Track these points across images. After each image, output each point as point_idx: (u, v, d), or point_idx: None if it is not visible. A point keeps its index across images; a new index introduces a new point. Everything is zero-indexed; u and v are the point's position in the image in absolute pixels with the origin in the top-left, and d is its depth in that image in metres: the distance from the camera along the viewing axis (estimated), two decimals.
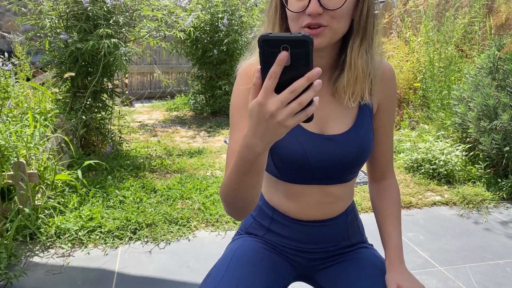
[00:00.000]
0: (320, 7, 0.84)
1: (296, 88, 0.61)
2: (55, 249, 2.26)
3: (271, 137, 0.67)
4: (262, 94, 0.63)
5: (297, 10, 0.86)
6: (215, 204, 2.74)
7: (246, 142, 0.71)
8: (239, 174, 0.78)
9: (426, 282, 2.03)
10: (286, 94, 0.61)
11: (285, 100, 0.62)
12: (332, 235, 1.06)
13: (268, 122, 0.64)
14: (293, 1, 0.88)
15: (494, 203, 2.96)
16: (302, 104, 0.62)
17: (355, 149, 0.96)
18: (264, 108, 0.63)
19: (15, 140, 2.62)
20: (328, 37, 0.87)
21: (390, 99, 1.03)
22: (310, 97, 0.62)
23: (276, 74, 0.61)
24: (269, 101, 0.62)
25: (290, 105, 0.62)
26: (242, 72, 0.99)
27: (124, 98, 5.02)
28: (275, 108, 0.62)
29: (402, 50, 4.84)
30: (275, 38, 0.60)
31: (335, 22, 0.86)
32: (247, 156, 0.73)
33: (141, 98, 6.80)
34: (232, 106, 0.97)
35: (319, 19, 0.85)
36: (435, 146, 3.40)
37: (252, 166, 0.74)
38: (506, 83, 3.16)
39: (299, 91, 0.61)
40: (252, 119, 0.66)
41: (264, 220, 1.08)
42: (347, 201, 1.07)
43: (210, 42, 5.21)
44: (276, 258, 1.04)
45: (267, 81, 0.62)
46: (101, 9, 3.16)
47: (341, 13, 0.86)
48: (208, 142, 4.41)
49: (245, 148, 0.72)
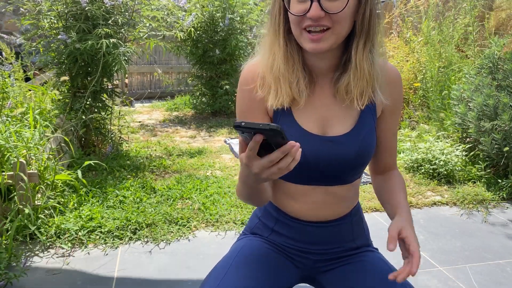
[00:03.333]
0: (322, 11, 0.84)
1: (273, 159, 0.70)
2: (55, 249, 2.25)
3: (261, 182, 0.79)
4: (246, 159, 0.72)
5: (298, 13, 0.86)
6: (215, 204, 2.74)
7: (242, 180, 0.84)
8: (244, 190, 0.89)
9: (426, 282, 2.04)
10: (266, 163, 0.71)
11: (266, 166, 0.71)
12: (336, 236, 1.06)
13: (255, 176, 0.75)
14: (295, 3, 0.87)
15: (494, 203, 2.96)
16: (281, 169, 0.71)
17: (356, 150, 0.95)
18: (250, 168, 0.74)
19: (15, 140, 2.62)
20: (332, 40, 0.87)
21: (395, 103, 1.02)
22: (288, 163, 0.71)
23: (254, 148, 0.70)
24: (253, 165, 0.73)
25: (271, 169, 0.72)
26: (244, 73, 1.00)
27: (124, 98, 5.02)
28: (258, 171, 0.73)
29: (402, 50, 4.83)
30: (246, 127, 0.66)
31: (337, 25, 0.86)
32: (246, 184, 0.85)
33: (141, 98, 6.80)
34: (236, 107, 1.02)
35: (321, 21, 0.85)
36: (435, 146, 3.40)
37: (252, 190, 0.87)
38: (506, 83, 3.16)
39: (276, 161, 0.71)
40: (242, 169, 0.79)
41: (269, 221, 1.08)
42: (352, 202, 1.07)
43: (211, 42, 5.21)
44: (280, 259, 1.04)
45: (248, 151, 0.71)
46: (99, 9, 3.16)
47: (343, 16, 0.85)
48: (208, 142, 4.41)
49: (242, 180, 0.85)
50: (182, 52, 5.35)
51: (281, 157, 0.70)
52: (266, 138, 0.69)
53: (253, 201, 0.94)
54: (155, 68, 6.39)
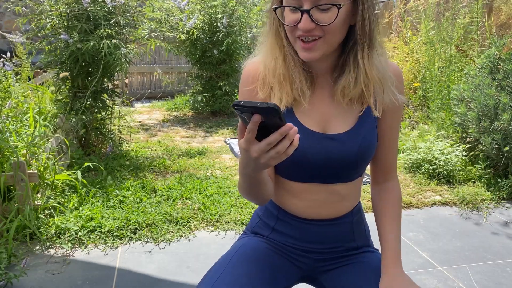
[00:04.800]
0: (312, 23, 0.84)
1: (271, 141, 0.71)
2: (55, 249, 2.26)
3: (260, 169, 0.78)
4: (245, 143, 0.73)
5: (290, 23, 0.87)
6: (215, 204, 2.74)
7: (241, 169, 0.83)
8: (244, 183, 0.88)
9: (426, 282, 2.04)
10: (264, 146, 0.71)
11: (264, 149, 0.72)
12: (337, 235, 1.06)
13: (254, 161, 0.75)
14: (288, 12, 0.88)
15: (494, 203, 2.96)
16: (280, 152, 0.72)
17: (356, 148, 0.95)
18: (248, 153, 0.74)
19: (15, 140, 2.62)
20: (324, 48, 0.88)
21: (397, 102, 1.01)
22: (285, 146, 0.71)
23: (253, 130, 0.70)
24: (252, 149, 0.73)
25: (269, 153, 0.72)
26: (244, 73, 1.00)
27: (124, 98, 5.02)
28: (257, 154, 0.72)
29: (402, 50, 4.84)
30: (244, 106, 0.67)
31: (329, 35, 0.86)
32: (246, 176, 0.84)
33: (141, 98, 6.80)
34: None
35: (312, 32, 0.85)
36: (435, 146, 3.40)
37: (252, 180, 0.85)
38: (506, 83, 3.16)
39: (274, 143, 0.71)
40: (242, 156, 0.78)
41: (269, 220, 1.09)
42: (353, 201, 1.07)
43: (209, 42, 5.21)
44: (279, 259, 1.04)
45: (247, 134, 0.71)
46: (101, 10, 3.16)
47: (334, 27, 0.85)
48: (208, 142, 4.42)
49: (241, 171, 0.84)
50: (181, 53, 5.35)
51: (280, 139, 0.70)
52: (264, 120, 0.69)
53: (254, 195, 0.92)
54: (155, 68, 6.40)
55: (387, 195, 1.07)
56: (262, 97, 0.97)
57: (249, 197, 0.94)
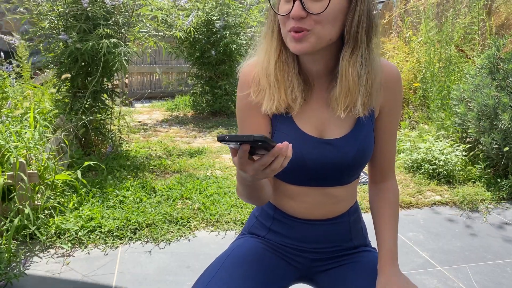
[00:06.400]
0: (303, 10, 0.83)
1: (264, 163, 0.72)
2: (55, 249, 2.26)
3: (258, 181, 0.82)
4: (239, 165, 0.74)
5: (283, 13, 0.87)
6: (215, 204, 2.74)
7: (240, 180, 0.85)
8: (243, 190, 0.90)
9: (426, 282, 2.04)
10: (258, 166, 0.73)
11: (259, 169, 0.73)
12: (333, 235, 1.06)
13: (252, 177, 0.77)
14: (282, 3, 0.88)
15: (494, 203, 2.96)
16: (275, 170, 0.73)
17: (353, 153, 0.96)
18: (244, 172, 0.76)
19: (15, 140, 2.62)
20: (313, 42, 0.86)
21: (393, 102, 1.00)
22: (280, 163, 0.72)
23: (244, 156, 0.72)
24: (247, 169, 0.74)
25: (265, 171, 0.74)
26: (240, 76, 1.00)
27: (124, 98, 5.02)
28: (253, 173, 0.74)
29: (402, 50, 4.83)
30: (230, 140, 0.68)
31: (318, 27, 0.85)
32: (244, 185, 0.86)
33: (141, 98, 6.80)
34: (236, 111, 1.04)
35: (302, 23, 0.84)
36: (435, 146, 3.40)
37: (250, 187, 0.87)
38: (506, 83, 3.16)
39: (268, 164, 0.72)
40: (238, 173, 0.81)
41: (266, 220, 1.09)
42: (349, 202, 1.07)
43: (208, 43, 5.21)
44: (275, 259, 1.04)
45: (239, 159, 0.73)
46: (100, 9, 3.16)
47: (325, 17, 0.84)
48: (208, 142, 4.42)
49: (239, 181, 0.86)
50: (180, 54, 5.34)
51: (272, 159, 0.72)
52: (253, 146, 0.70)
53: (253, 199, 0.93)
54: (155, 68, 6.40)
55: (384, 195, 1.07)
56: (255, 101, 0.97)
57: (248, 201, 0.95)
